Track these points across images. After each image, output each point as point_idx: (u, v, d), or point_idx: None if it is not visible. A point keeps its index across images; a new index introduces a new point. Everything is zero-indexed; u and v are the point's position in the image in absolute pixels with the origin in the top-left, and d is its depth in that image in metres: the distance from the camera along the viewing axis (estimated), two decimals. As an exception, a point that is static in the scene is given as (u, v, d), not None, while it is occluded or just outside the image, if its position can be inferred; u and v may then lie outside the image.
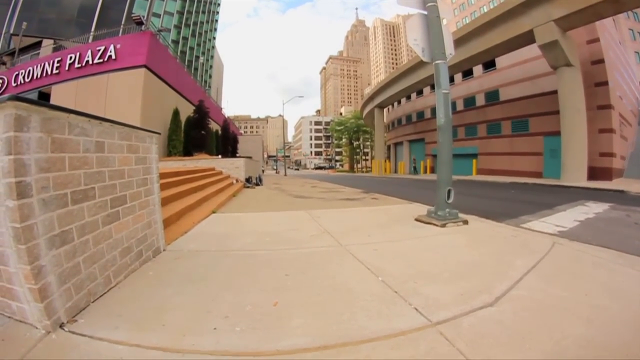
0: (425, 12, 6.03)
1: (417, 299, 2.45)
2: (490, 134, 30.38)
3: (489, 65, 29.55)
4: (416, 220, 5.72)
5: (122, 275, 2.68)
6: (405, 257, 3.58)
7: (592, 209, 9.40)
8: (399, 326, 2.04)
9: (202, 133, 20.67)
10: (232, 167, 15.90)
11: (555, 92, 21.30)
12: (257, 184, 15.54)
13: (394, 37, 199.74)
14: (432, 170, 35.68)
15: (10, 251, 1.76)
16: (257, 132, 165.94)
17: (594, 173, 21.40)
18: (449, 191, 5.50)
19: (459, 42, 24.09)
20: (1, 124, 1.69)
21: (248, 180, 15.52)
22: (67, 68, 17.16)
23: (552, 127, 23.00)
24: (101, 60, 16.35)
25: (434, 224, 5.27)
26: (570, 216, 8.09)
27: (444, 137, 5.76)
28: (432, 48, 5.94)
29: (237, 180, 14.51)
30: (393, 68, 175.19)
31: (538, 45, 20.16)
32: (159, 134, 3.52)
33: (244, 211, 7.02)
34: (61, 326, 1.93)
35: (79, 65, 16.84)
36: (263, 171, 37.69)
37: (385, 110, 50.55)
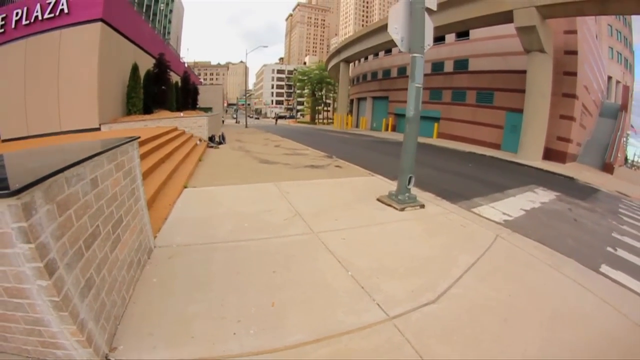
0: (411, 0, 6.10)
1: (379, 295, 3.11)
2: (455, 100, 31.51)
3: (463, 34, 30.00)
4: (378, 200, 6.30)
5: (131, 288, 2.95)
6: (369, 248, 4.18)
7: (539, 197, 10.19)
8: (366, 320, 2.73)
9: (162, 88, 20.25)
10: (195, 126, 15.97)
11: (524, 71, 22.26)
12: (220, 143, 15.66)
13: None
14: (394, 129, 37.32)
15: (52, 317, 1.91)
16: (217, 79, 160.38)
17: (550, 154, 23.22)
18: (410, 178, 6.07)
19: (437, 8, 24.62)
20: (7, 215, 1.67)
21: (211, 139, 15.65)
22: (13, 26, 15.27)
23: (516, 104, 24.29)
24: (52, 15, 14.71)
25: (394, 207, 5.88)
26: (518, 203, 8.79)
27: (411, 129, 6.21)
28: (411, 39, 6.11)
29: (200, 140, 14.62)
30: (363, 20, 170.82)
31: (515, 27, 20.76)
32: (138, 138, 3.58)
33: (214, 184, 7.31)
34: (106, 357, 2.21)
35: (27, 21, 15.05)
36: (223, 121, 37.46)
37: (351, 64, 50.46)
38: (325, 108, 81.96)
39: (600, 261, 5.91)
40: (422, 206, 6.16)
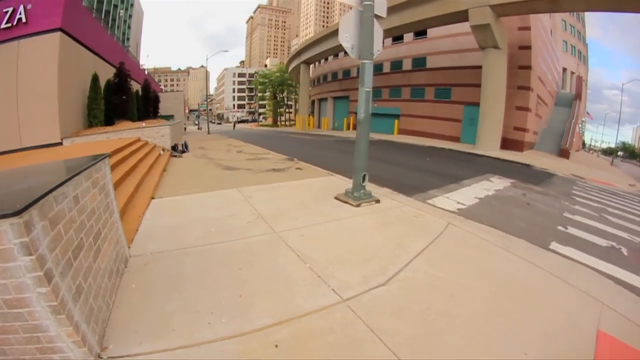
0: (361, 9, 6.36)
1: (334, 282, 3.54)
2: (414, 97, 32.82)
3: (420, 33, 31.03)
4: (335, 198, 6.67)
5: (114, 294, 3.21)
6: (326, 242, 4.58)
7: (494, 185, 10.74)
8: (322, 303, 3.16)
9: (123, 98, 20.07)
10: (158, 136, 15.97)
11: (479, 67, 23.43)
12: (183, 151, 15.68)
13: None
14: (355, 127, 38.02)
15: (49, 322, 2.13)
16: (178, 85, 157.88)
17: (507, 144, 24.66)
18: (364, 176, 6.47)
19: (395, 9, 25.20)
20: (10, 232, 1.90)
21: (174, 148, 15.65)
22: (-31, 36, 14.55)
23: (472, 98, 25.43)
24: (9, 25, 14.17)
25: (350, 204, 6.28)
26: (472, 192, 9.29)
27: (362, 130, 6.56)
28: (360, 46, 6.42)
29: (164, 150, 14.67)
30: (324, 21, 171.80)
31: (470, 25, 21.83)
32: (109, 155, 3.76)
33: (180, 193, 7.51)
34: (99, 356, 2.46)
35: (-17, 32, 14.41)
36: (185, 129, 37.23)
37: (311, 66, 51.06)
38: (287, 110, 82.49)
39: (550, 239, 6.42)
40: (378, 201, 6.60)
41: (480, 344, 2.89)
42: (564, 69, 66.06)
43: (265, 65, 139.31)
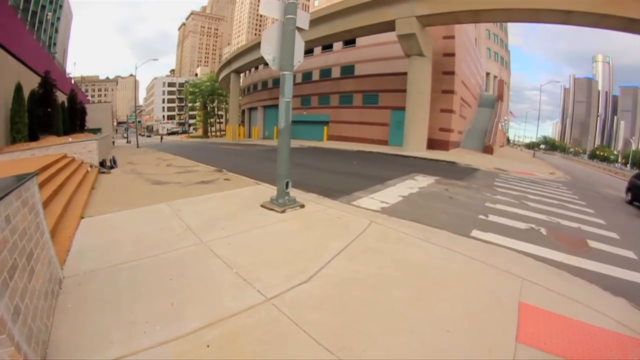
0: (284, 22, 6.65)
1: (259, 283, 3.86)
2: (342, 104, 34.21)
3: (349, 42, 32.26)
4: (261, 206, 6.92)
5: (51, 316, 3.20)
6: (251, 248, 4.86)
7: (418, 183, 11.40)
8: (248, 303, 3.48)
9: (48, 111, 19.06)
10: (85, 152, 15.28)
11: (405, 73, 24.82)
12: (112, 167, 15.15)
13: None
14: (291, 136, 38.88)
15: None
16: (106, 95, 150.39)
17: (434, 144, 26.47)
18: (287, 182, 6.78)
19: (325, 19, 26.50)
20: None
21: (102, 164, 15.02)
22: None
23: (399, 102, 26.86)
24: None
25: (276, 211, 6.57)
26: (397, 191, 9.82)
27: (283, 139, 6.83)
28: (282, 58, 6.68)
29: (91, 166, 14.13)
30: (257, 29, 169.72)
31: (397, 35, 23.14)
32: (37, 173, 3.80)
33: (110, 211, 7.37)
34: None
35: None
36: (113, 143, 35.81)
37: (242, 74, 51.69)
38: (218, 120, 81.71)
39: (471, 228, 7.11)
40: (302, 206, 6.97)
41: (402, 327, 3.28)
42: (487, 74, 72.63)
43: (196, 75, 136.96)
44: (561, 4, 19.74)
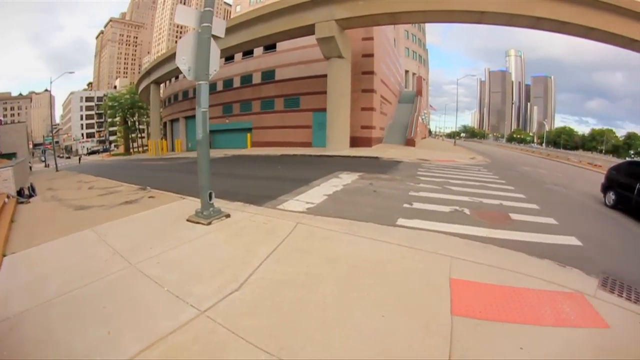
0: (200, 31, 6.37)
1: (192, 298, 3.72)
2: (264, 109, 33.91)
3: (270, 47, 32.06)
4: (188, 220, 6.68)
5: None
6: (181, 264, 4.70)
7: (342, 181, 11.51)
8: (184, 319, 3.33)
9: None
10: (0, 181, 14.23)
11: (325, 75, 25.07)
12: (30, 196, 14.16)
13: (185, 4, 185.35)
14: (210, 146, 37.87)
15: None
16: (19, 114, 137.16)
17: (357, 142, 27.04)
18: (210, 194, 6.60)
19: (245, 25, 26.29)
20: None
21: (20, 193, 13.98)
22: None
23: (320, 104, 27.21)
24: None
25: (202, 223, 6.37)
26: (322, 191, 9.85)
27: (202, 150, 6.64)
28: (197, 68, 6.40)
29: (8, 197, 13.02)
30: (177, 36, 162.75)
31: (316, 38, 23.33)
32: None
33: (33, 244, 6.70)
34: None
35: None
36: (30, 168, 33.32)
37: (162, 85, 49.45)
38: (140, 135, 77.85)
39: (397, 217, 7.24)
40: (228, 216, 6.81)
41: (336, 319, 3.32)
42: (407, 71, 76.58)
43: (115, 87, 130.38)
44: (475, 5, 21.12)
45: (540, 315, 3.63)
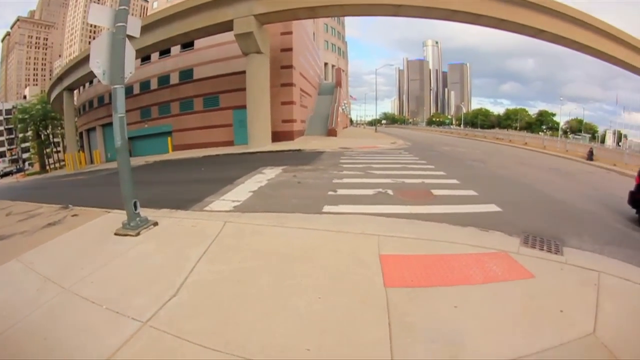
0: (114, 31, 5.96)
1: (132, 311, 3.55)
2: (183, 110, 32.63)
3: (187, 45, 30.95)
4: (116, 234, 6.30)
5: None
6: (115, 279, 4.49)
7: (266, 176, 11.50)
8: (129, 333, 3.18)
9: None
10: None
11: (244, 72, 24.74)
12: None
13: (99, 1, 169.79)
14: (130, 153, 36.08)
15: None
16: None
17: (279, 136, 27.03)
18: (135, 203, 6.27)
19: (162, 22, 25.36)
20: None
21: None
22: None
23: (240, 101, 26.73)
24: None
25: (131, 235, 6.05)
26: (247, 188, 9.78)
27: (122, 158, 6.27)
28: (112, 71, 5.97)
29: None
30: (91, 36, 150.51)
31: (235, 34, 22.90)
32: None
33: None
34: None
35: None
36: None
37: (76, 91, 45.64)
38: (55, 149, 70.66)
39: (322, 205, 7.39)
40: (156, 224, 6.50)
41: (275, 307, 3.37)
42: (326, 64, 77.78)
43: (25, 97, 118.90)
44: None
45: (470, 275, 3.90)
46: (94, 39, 7.17)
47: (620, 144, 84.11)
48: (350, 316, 3.18)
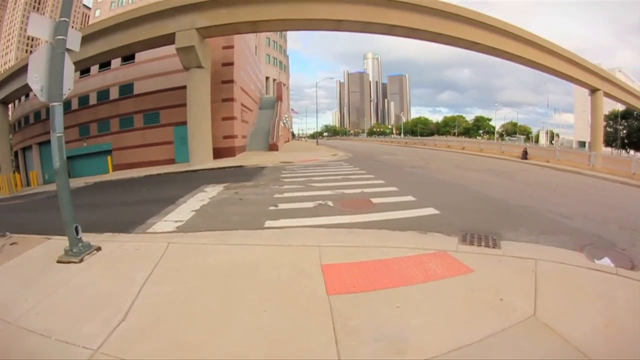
0: (53, 44, 5.67)
1: (82, 339, 3.44)
2: (123, 128, 31.25)
3: (128, 58, 29.97)
4: (58, 262, 5.99)
5: None
6: (62, 308, 4.30)
7: (208, 194, 11.38)
8: None
9: None
10: None
11: (185, 87, 24.33)
12: None
13: (40, 4, 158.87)
14: (69, 174, 34.03)
15: None
16: None
17: (220, 152, 26.70)
18: (76, 227, 5.99)
19: (103, 33, 24.42)
20: None
21: None
22: None
23: (181, 117, 26.24)
24: None
25: (74, 262, 5.78)
26: (189, 207, 9.65)
27: (61, 180, 5.96)
28: (50, 87, 5.67)
29: None
30: (29, 46, 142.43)
31: (176, 48, 22.59)
32: None
33: None
34: None
35: None
36: None
37: (11, 106, 42.05)
38: None
39: (264, 220, 7.47)
40: (99, 249, 6.26)
41: (222, 323, 3.42)
42: (267, 78, 78.08)
43: None
44: (332, 14, 22.52)
45: (410, 276, 4.15)
46: (32, 47, 6.77)
47: (553, 142, 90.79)
48: (296, 325, 3.28)
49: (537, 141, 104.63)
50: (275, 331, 3.22)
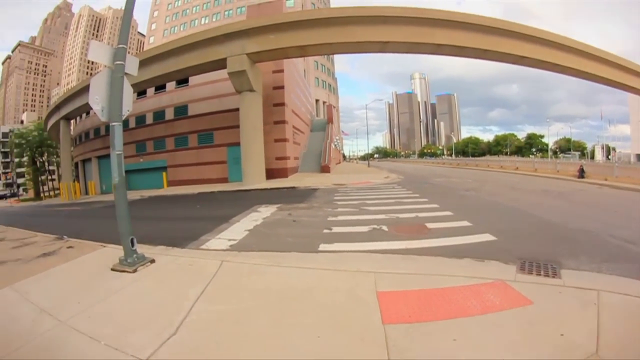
0: (113, 68, 6.02)
1: (131, 348, 3.50)
2: (178, 146, 32.83)
3: (182, 81, 31.48)
4: (112, 270, 6.25)
5: None
6: (113, 315, 4.44)
7: (262, 214, 11.47)
8: None
9: None
10: None
11: (238, 109, 25.17)
12: None
13: (99, 31, 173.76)
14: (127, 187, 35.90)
15: None
16: None
17: (273, 173, 27.37)
18: (132, 240, 6.23)
19: (157, 58, 25.71)
20: None
21: None
22: None
23: (234, 139, 27.17)
24: None
25: (127, 271, 6.02)
26: (242, 227, 9.72)
27: (119, 195, 6.24)
28: (110, 108, 6.03)
29: None
30: (89, 69, 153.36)
31: (228, 72, 23.39)
32: None
33: None
34: None
35: None
36: None
37: (72, 121, 45.90)
38: (51, 177, 70.36)
39: (318, 243, 7.36)
40: (153, 261, 6.48)
41: (275, 347, 3.35)
42: (317, 100, 79.31)
43: (22, 122, 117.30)
44: (378, 36, 22.71)
45: (467, 307, 3.92)
46: (92, 70, 7.20)
47: (609, 157, 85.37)
48: (350, 354, 3.16)
49: (592, 157, 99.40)
50: (328, 358, 3.13)
